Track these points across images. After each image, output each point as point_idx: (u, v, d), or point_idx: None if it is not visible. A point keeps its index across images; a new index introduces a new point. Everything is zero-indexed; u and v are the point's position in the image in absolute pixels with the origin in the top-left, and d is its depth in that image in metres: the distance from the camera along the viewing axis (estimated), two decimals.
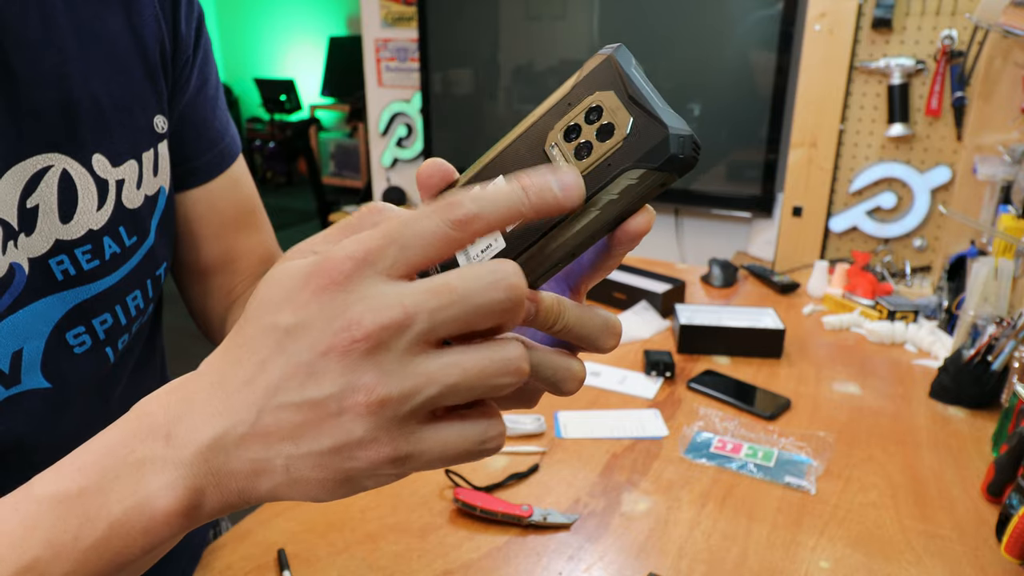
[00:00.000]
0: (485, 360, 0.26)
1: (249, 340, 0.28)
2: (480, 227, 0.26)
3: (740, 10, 1.99)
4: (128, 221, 0.53)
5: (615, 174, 0.27)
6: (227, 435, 0.27)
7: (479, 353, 0.26)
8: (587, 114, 0.28)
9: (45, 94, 0.47)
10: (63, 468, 0.29)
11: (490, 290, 0.26)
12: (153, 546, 0.29)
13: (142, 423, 0.29)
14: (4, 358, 0.47)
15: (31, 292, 0.48)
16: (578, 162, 0.28)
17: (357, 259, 0.26)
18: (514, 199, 0.26)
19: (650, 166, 0.27)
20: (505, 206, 0.26)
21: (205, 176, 0.62)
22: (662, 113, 0.27)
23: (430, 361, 0.26)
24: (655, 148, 0.26)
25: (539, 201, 0.26)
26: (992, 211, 1.40)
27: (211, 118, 0.62)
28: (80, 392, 0.53)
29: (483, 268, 0.26)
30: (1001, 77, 1.45)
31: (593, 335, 0.30)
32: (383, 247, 0.26)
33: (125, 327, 0.55)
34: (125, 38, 0.52)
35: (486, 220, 0.26)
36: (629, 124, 0.27)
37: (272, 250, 0.70)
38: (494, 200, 0.26)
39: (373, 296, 0.25)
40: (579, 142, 0.28)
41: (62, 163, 0.48)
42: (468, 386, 0.26)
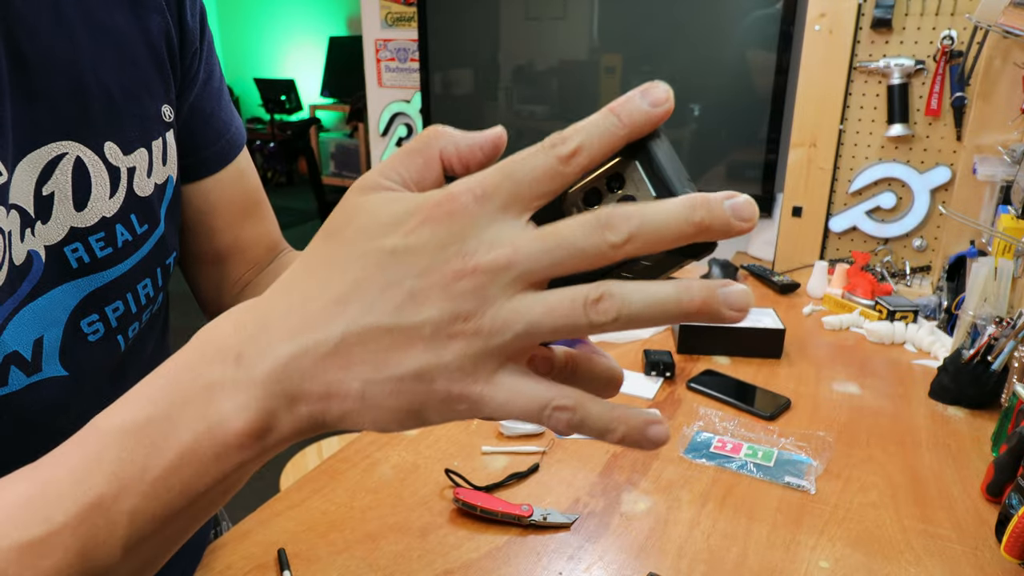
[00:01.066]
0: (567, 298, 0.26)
1: (342, 260, 0.27)
2: (584, 160, 0.26)
3: (740, 10, 1.99)
4: (139, 209, 0.54)
5: None
6: (305, 354, 0.26)
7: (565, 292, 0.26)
8: (609, 181, 0.28)
9: (57, 81, 0.47)
10: (129, 399, 0.29)
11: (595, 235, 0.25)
12: (225, 474, 0.28)
13: (211, 344, 0.28)
14: (27, 345, 0.48)
15: (48, 280, 0.48)
16: None
17: (476, 193, 0.26)
18: (609, 125, 0.26)
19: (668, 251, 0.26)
20: (605, 133, 0.26)
21: (214, 166, 0.63)
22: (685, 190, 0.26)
23: (530, 297, 0.26)
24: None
25: (633, 123, 0.26)
26: (992, 211, 1.40)
27: (217, 109, 0.63)
28: (93, 380, 0.53)
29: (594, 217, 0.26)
30: (1001, 77, 1.45)
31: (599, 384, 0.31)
32: (499, 182, 0.26)
33: (136, 315, 0.56)
34: (131, 29, 0.53)
35: (588, 152, 0.26)
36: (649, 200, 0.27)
37: (276, 239, 0.71)
38: (593, 130, 0.26)
39: (486, 230, 0.26)
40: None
41: (76, 150, 0.49)
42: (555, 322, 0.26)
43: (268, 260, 0.70)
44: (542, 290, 0.26)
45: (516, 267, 0.25)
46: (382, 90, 2.78)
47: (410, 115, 2.75)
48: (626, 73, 2.23)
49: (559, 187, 0.26)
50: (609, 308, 0.25)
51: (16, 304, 0.47)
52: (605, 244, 0.25)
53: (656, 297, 0.25)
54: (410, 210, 0.26)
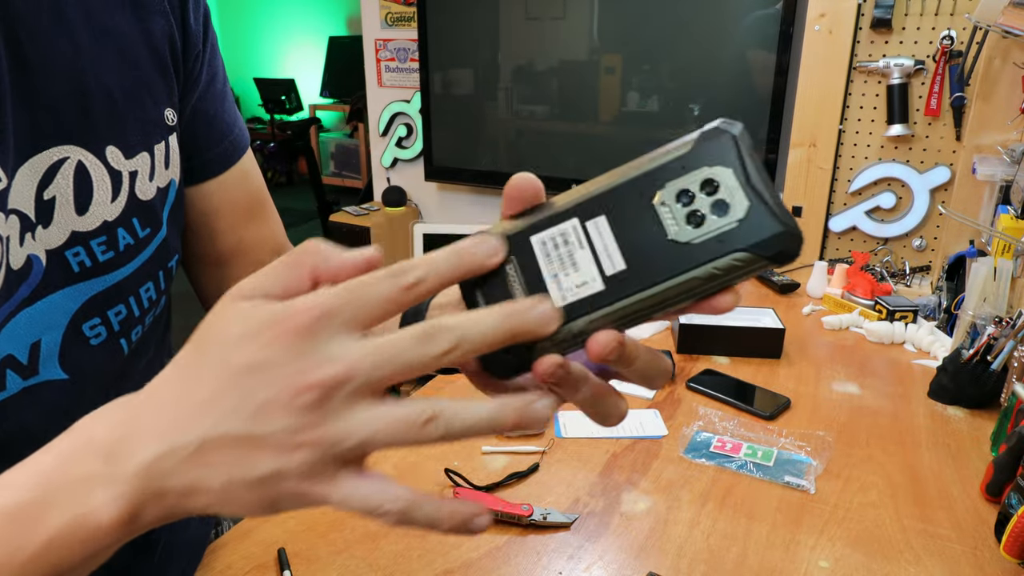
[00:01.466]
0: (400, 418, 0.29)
1: (204, 370, 0.30)
2: (423, 290, 0.30)
3: (739, 10, 1.99)
4: (141, 213, 0.54)
5: (725, 251, 0.29)
6: (169, 456, 0.29)
7: (399, 409, 0.29)
8: (702, 184, 0.29)
9: (59, 86, 0.47)
10: (10, 480, 0.31)
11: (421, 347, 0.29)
12: (93, 555, 0.31)
13: (85, 440, 0.31)
14: (23, 349, 0.48)
15: (48, 284, 0.48)
16: (690, 228, 0.29)
17: (316, 313, 0.29)
18: (450, 265, 0.30)
19: (760, 254, 0.28)
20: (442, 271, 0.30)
21: (218, 168, 0.63)
22: (777, 207, 0.28)
23: (365, 413, 0.29)
24: (769, 240, 0.28)
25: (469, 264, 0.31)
26: (991, 211, 1.40)
27: (220, 111, 0.63)
28: (95, 384, 0.53)
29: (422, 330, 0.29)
30: (1000, 77, 1.45)
31: (653, 376, 0.34)
32: (342, 305, 0.29)
33: (139, 319, 0.56)
34: (133, 32, 0.53)
35: (428, 285, 0.30)
36: (746, 209, 0.28)
37: (282, 241, 0.71)
38: (434, 267, 0.30)
39: (326, 347, 0.29)
40: (692, 209, 0.29)
41: (77, 155, 0.49)
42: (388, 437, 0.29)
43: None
44: (380, 399, 0.29)
45: (352, 382, 0.28)
46: (382, 90, 2.78)
47: (410, 115, 2.75)
48: (626, 73, 2.23)
49: (397, 311, 0.30)
50: (435, 430, 0.29)
51: (12, 308, 0.46)
52: (429, 356, 0.29)
53: (477, 417, 0.29)
54: (263, 324, 0.29)
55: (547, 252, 0.31)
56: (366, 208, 2.82)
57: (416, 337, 0.29)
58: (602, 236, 0.30)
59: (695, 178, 0.29)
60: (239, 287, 0.31)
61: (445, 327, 0.29)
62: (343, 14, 6.51)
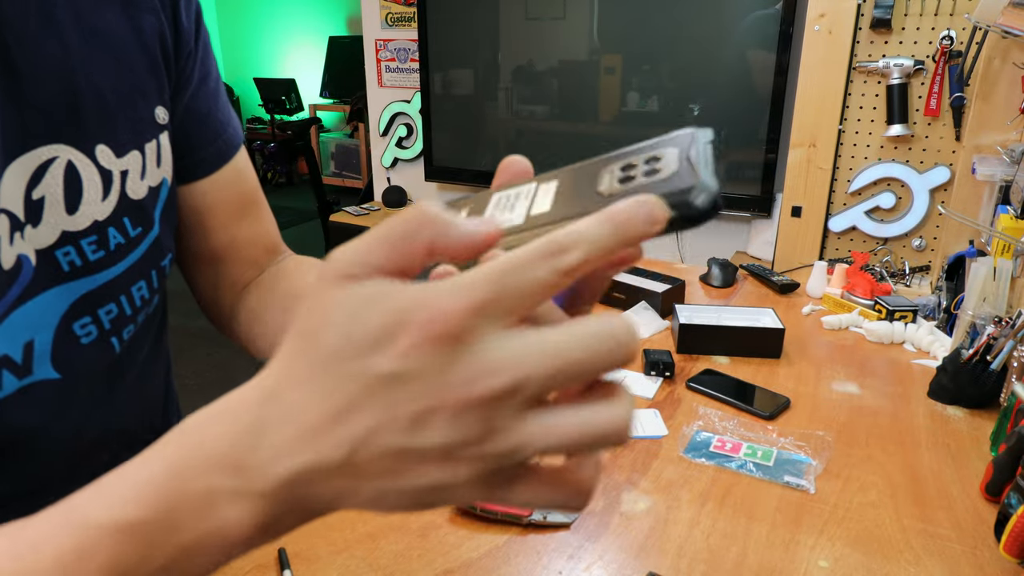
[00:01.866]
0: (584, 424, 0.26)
1: (331, 374, 0.26)
2: (584, 271, 0.26)
3: (739, 10, 1.99)
4: (132, 212, 0.54)
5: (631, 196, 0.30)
6: (314, 470, 0.26)
7: (580, 415, 0.26)
8: (647, 159, 0.31)
9: (48, 86, 0.47)
10: (118, 492, 0.27)
11: (607, 356, 0.26)
12: (229, 559, 0.28)
13: (204, 449, 0.27)
14: (17, 349, 0.48)
15: (38, 283, 0.48)
16: (616, 184, 0.30)
17: (470, 311, 0.24)
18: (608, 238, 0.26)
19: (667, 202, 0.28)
20: (602, 247, 0.26)
21: (211, 167, 0.63)
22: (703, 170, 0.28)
23: (537, 420, 0.26)
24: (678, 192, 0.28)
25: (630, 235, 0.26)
26: (991, 211, 1.40)
27: (213, 109, 0.63)
28: (87, 382, 0.53)
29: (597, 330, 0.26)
30: (1000, 77, 1.45)
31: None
32: (497, 299, 0.25)
33: (130, 317, 0.56)
34: (124, 31, 0.52)
35: (588, 264, 0.26)
36: (672, 171, 0.29)
37: (275, 240, 0.71)
38: (593, 244, 0.26)
39: (488, 353, 0.25)
40: (627, 174, 0.30)
41: (67, 154, 0.48)
42: (565, 446, 0.27)
43: (268, 261, 0.70)
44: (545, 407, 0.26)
45: (521, 393, 0.25)
46: (382, 90, 2.78)
47: (410, 115, 2.75)
48: (626, 73, 2.23)
49: (550, 296, 0.26)
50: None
51: (5, 308, 0.46)
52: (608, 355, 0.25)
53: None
54: (396, 324, 0.25)
55: (497, 203, 0.33)
56: (366, 208, 2.82)
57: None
58: (547, 193, 0.32)
59: (643, 155, 0.31)
60: (339, 261, 0.27)
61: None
62: (343, 14, 6.51)
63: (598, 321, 0.26)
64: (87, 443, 0.56)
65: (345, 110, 5.94)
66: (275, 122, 5.50)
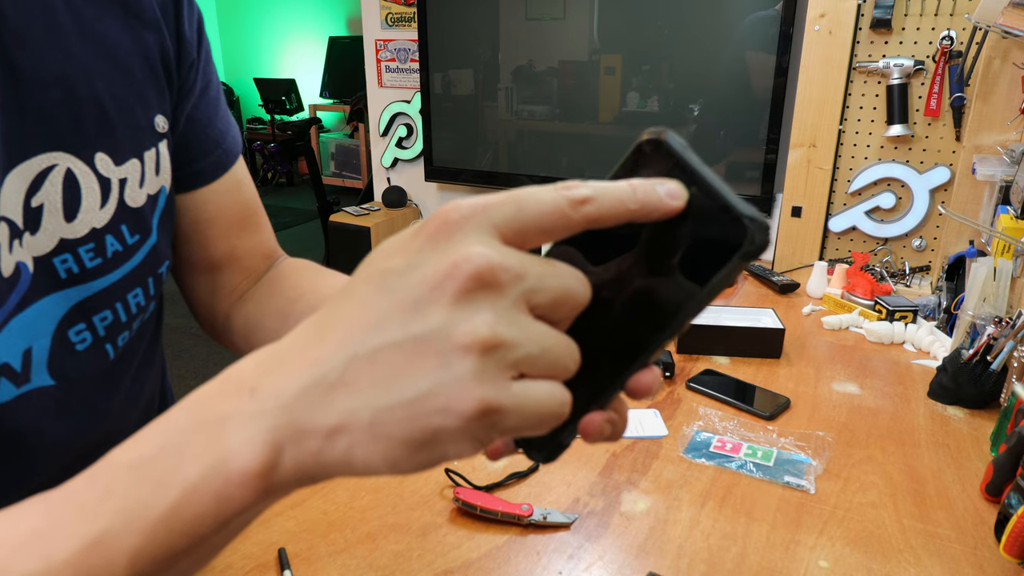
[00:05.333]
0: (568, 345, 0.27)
1: (352, 291, 0.27)
2: (592, 211, 0.26)
3: (739, 10, 1.99)
4: (130, 219, 0.54)
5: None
6: (316, 385, 0.26)
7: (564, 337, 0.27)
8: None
9: (49, 93, 0.47)
10: (144, 432, 0.28)
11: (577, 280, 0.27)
12: (226, 518, 0.27)
13: (229, 380, 0.28)
14: (16, 356, 0.48)
15: (36, 291, 0.48)
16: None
17: (475, 207, 0.26)
18: (624, 191, 0.27)
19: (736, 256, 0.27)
20: (616, 197, 0.27)
21: (210, 176, 0.63)
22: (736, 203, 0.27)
23: (533, 322, 0.26)
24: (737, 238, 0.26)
25: (645, 198, 0.27)
26: (991, 211, 1.40)
27: (213, 119, 0.63)
28: (82, 389, 0.53)
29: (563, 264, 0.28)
30: (1000, 77, 1.45)
31: None
32: (502, 202, 0.26)
33: (125, 324, 0.56)
34: (125, 40, 0.52)
35: (598, 206, 0.27)
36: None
37: (273, 248, 0.71)
38: (607, 189, 0.27)
39: (490, 241, 0.26)
40: None
41: (66, 162, 0.48)
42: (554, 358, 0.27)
43: (264, 269, 0.69)
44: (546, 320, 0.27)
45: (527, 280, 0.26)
46: (382, 90, 2.78)
47: (410, 115, 2.75)
48: (626, 73, 2.23)
49: (560, 231, 0.27)
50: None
51: (4, 316, 0.46)
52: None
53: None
54: (410, 234, 0.27)
55: None
56: (366, 208, 2.82)
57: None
58: None
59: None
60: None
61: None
62: (343, 14, 6.51)
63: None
64: (83, 449, 0.56)
65: (345, 110, 5.94)
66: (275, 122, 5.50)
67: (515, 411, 0.26)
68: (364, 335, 0.26)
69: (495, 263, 0.25)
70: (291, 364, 0.27)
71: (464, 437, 0.26)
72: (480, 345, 0.25)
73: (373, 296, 0.26)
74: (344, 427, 0.26)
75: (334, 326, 0.27)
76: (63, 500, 0.28)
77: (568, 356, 0.27)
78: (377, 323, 0.26)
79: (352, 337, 0.26)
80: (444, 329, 0.25)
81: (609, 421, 0.30)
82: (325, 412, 0.26)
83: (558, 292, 0.26)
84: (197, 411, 0.28)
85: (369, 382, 0.25)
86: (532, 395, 0.26)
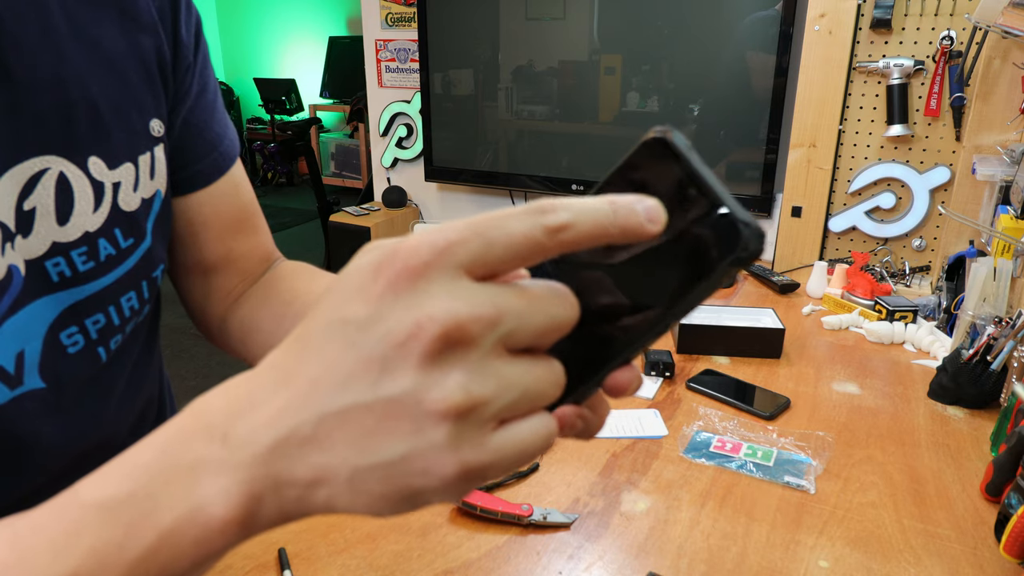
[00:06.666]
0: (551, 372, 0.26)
1: (315, 336, 0.25)
2: (569, 238, 0.25)
3: (739, 10, 1.99)
4: (124, 223, 0.53)
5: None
6: (290, 437, 0.25)
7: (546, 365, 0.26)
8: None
9: (42, 97, 0.47)
10: (112, 471, 0.27)
11: (561, 304, 0.26)
12: (204, 559, 0.27)
13: (198, 421, 0.27)
14: (9, 359, 0.48)
15: (28, 294, 0.48)
16: None
17: (436, 248, 0.24)
18: (604, 215, 0.25)
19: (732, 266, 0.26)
20: (595, 220, 0.25)
21: (207, 179, 0.63)
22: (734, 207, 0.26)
23: (512, 366, 0.25)
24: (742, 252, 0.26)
25: (625, 222, 0.25)
26: (991, 211, 1.40)
27: (210, 122, 0.63)
28: (74, 392, 0.53)
29: (545, 286, 0.26)
30: (1000, 77, 1.45)
31: None
32: (466, 239, 0.24)
33: (118, 327, 0.56)
34: (121, 44, 0.52)
35: (575, 233, 0.25)
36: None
37: (270, 251, 0.71)
38: (585, 213, 0.25)
39: (456, 288, 0.24)
40: None
41: (59, 165, 0.48)
42: (536, 394, 0.26)
43: (261, 271, 0.69)
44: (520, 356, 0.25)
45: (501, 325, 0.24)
46: (382, 90, 2.78)
47: (410, 115, 2.75)
48: (626, 73, 2.23)
49: (534, 259, 0.25)
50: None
51: None
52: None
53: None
54: (369, 277, 0.24)
55: None
56: (366, 208, 2.82)
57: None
58: None
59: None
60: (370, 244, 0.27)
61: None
62: (343, 14, 6.51)
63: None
64: (79, 452, 0.56)
65: (345, 110, 5.94)
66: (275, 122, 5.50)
67: (498, 464, 0.25)
68: (331, 392, 0.24)
69: (462, 319, 0.23)
70: (261, 409, 0.26)
71: (446, 493, 0.25)
72: (454, 411, 0.24)
73: (336, 349, 0.25)
74: (323, 480, 0.25)
75: (300, 372, 0.25)
76: (32, 534, 0.27)
77: (552, 384, 0.26)
78: (344, 381, 0.24)
79: (318, 393, 0.25)
80: (415, 394, 0.24)
81: (581, 416, 0.29)
82: (302, 465, 0.25)
83: (541, 325, 0.25)
84: (167, 454, 0.27)
85: (343, 441, 0.24)
86: (514, 442, 0.25)
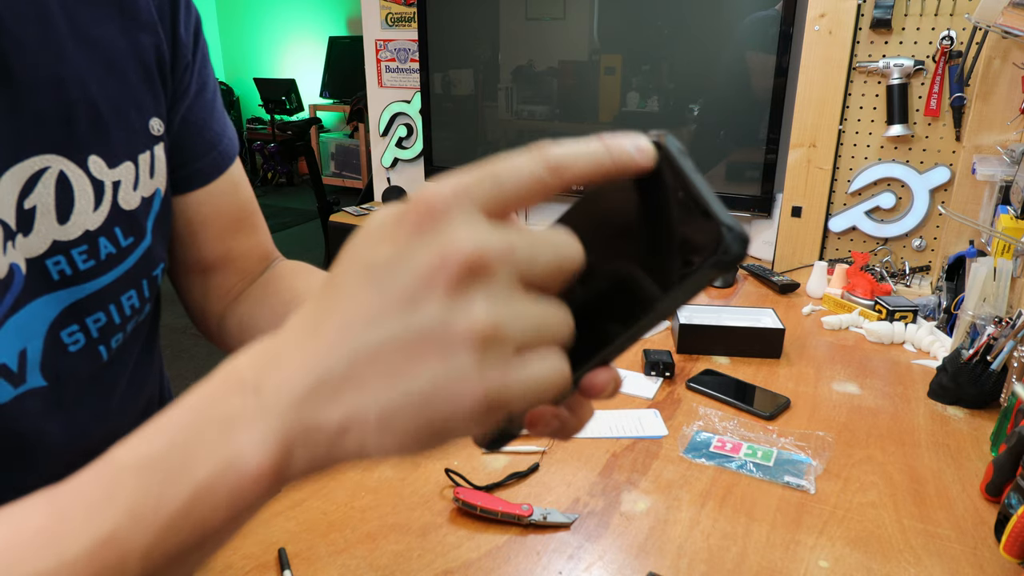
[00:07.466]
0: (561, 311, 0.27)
1: (342, 285, 0.27)
2: (569, 176, 0.27)
3: (739, 10, 1.99)
4: (124, 222, 0.54)
5: None
6: (321, 383, 0.26)
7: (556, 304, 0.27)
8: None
9: (43, 96, 0.47)
10: (147, 432, 0.28)
11: (566, 244, 0.27)
12: (239, 512, 0.27)
13: (229, 379, 0.28)
14: (12, 358, 0.48)
15: (29, 292, 0.48)
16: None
17: (457, 190, 0.26)
18: (598, 153, 0.27)
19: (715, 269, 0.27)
20: (591, 158, 0.27)
21: (206, 178, 0.63)
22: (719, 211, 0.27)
23: (529, 299, 0.26)
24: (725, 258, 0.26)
25: (617, 156, 0.27)
26: (991, 211, 1.40)
27: (209, 121, 0.63)
28: (75, 390, 0.53)
29: (550, 230, 0.28)
30: (1000, 77, 1.45)
31: None
32: (480, 179, 0.26)
33: (119, 326, 0.56)
34: (121, 43, 0.52)
35: (575, 170, 0.27)
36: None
37: (269, 250, 0.71)
38: (581, 152, 0.27)
39: (476, 224, 0.25)
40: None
41: (59, 164, 0.48)
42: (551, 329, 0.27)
43: (260, 270, 0.69)
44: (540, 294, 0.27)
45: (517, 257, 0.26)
46: (382, 90, 2.78)
47: (410, 115, 2.75)
48: (626, 73, 2.23)
49: (540, 197, 0.27)
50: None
51: (0, 317, 0.47)
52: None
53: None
54: (392, 222, 0.26)
55: None
56: (366, 208, 2.82)
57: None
58: None
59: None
60: None
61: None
62: (343, 14, 6.51)
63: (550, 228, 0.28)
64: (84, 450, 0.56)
65: (345, 110, 5.94)
66: (275, 122, 5.50)
67: (520, 394, 0.26)
68: (363, 330, 0.25)
69: (483, 248, 0.25)
70: (290, 360, 0.27)
71: (472, 423, 0.26)
72: (480, 335, 0.25)
73: (365, 290, 0.26)
74: (353, 423, 0.26)
75: (329, 320, 0.26)
76: (69, 498, 0.28)
77: (562, 323, 0.27)
78: (374, 318, 0.25)
79: (351, 332, 0.26)
80: (443, 322, 0.25)
81: (557, 416, 0.30)
82: (333, 410, 0.26)
83: (551, 261, 0.27)
84: (201, 410, 0.27)
85: (374, 377, 0.25)
86: (534, 374, 0.26)
